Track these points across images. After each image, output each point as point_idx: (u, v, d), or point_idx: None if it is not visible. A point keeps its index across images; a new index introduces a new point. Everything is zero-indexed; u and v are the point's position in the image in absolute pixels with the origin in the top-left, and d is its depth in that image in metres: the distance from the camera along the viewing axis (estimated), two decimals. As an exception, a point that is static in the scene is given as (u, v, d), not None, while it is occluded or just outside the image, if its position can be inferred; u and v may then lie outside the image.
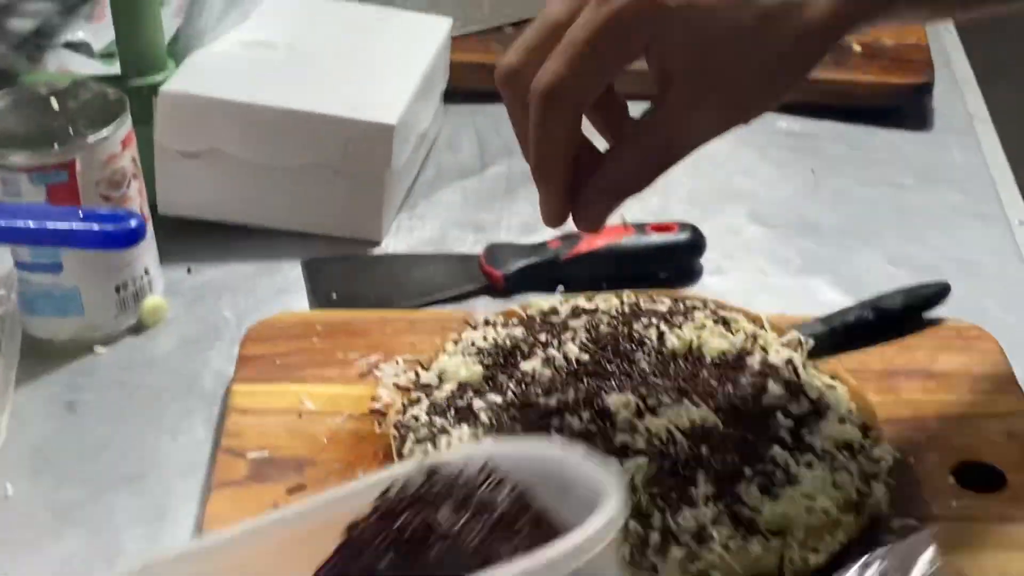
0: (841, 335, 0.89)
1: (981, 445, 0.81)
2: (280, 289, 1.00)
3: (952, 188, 1.11)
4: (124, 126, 0.90)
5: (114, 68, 1.04)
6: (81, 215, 0.78)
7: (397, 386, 0.85)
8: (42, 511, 0.82)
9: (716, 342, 0.82)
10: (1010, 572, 0.74)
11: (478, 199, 1.10)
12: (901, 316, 0.91)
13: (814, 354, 0.85)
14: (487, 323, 0.87)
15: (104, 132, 0.88)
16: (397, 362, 0.88)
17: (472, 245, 1.05)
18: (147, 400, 0.89)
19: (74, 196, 0.87)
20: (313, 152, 1.02)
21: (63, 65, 1.15)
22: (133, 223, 0.78)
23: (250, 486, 0.80)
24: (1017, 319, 0.96)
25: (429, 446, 0.77)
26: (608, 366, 0.80)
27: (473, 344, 0.84)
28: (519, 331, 0.84)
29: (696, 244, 1.00)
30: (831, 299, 0.98)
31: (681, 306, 0.86)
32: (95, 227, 0.78)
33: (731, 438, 0.75)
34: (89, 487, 0.83)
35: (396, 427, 0.80)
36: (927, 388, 0.86)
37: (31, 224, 0.76)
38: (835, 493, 0.74)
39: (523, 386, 0.79)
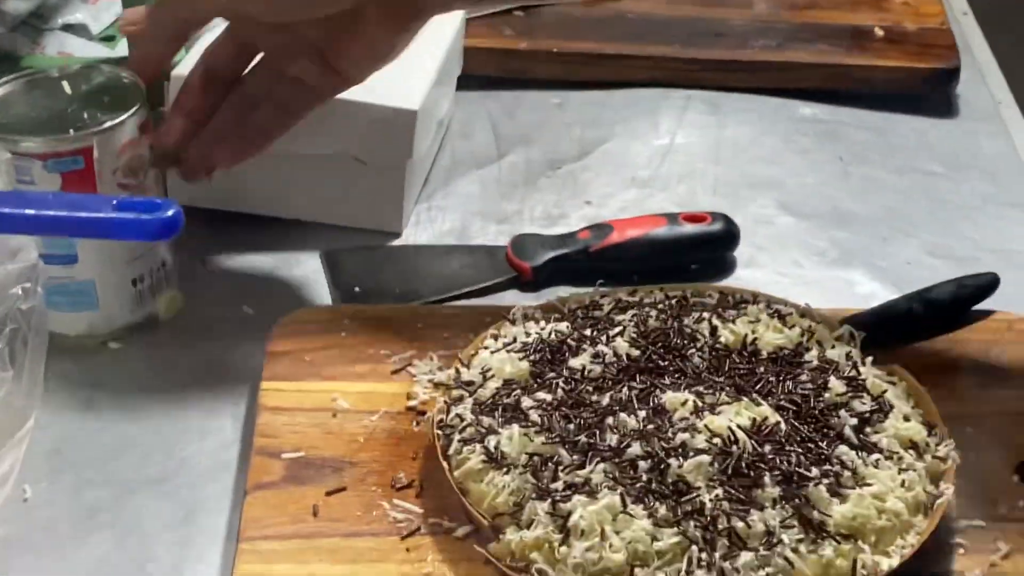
0: (890, 329, 0.86)
1: (1043, 442, 0.79)
2: (300, 283, 0.97)
3: (983, 177, 1.09)
4: (141, 111, 0.86)
5: (115, 51, 1.00)
6: (115, 203, 0.74)
7: (435, 383, 0.82)
8: (64, 515, 0.78)
9: (772, 337, 0.79)
10: (1084, 574, 0.71)
11: (498, 189, 1.07)
12: (951, 308, 0.88)
13: (864, 349, 0.82)
14: (526, 317, 0.84)
15: (122, 116, 0.84)
16: (432, 358, 0.84)
17: (495, 236, 1.01)
18: (169, 398, 0.86)
19: (90, 184, 0.83)
20: (332, 139, 0.98)
21: (63, 47, 1.11)
22: (171, 212, 0.74)
23: (287, 488, 0.76)
24: (1059, 310, 0.94)
25: (477, 447, 0.73)
26: (661, 362, 0.77)
27: (516, 339, 0.80)
28: (563, 326, 0.81)
29: (731, 235, 0.97)
30: (870, 291, 0.96)
31: (730, 299, 0.83)
32: (131, 216, 0.73)
33: (795, 437, 0.72)
34: (113, 489, 0.79)
35: (439, 427, 0.76)
36: (982, 383, 0.84)
37: (63, 213, 0.72)
38: (904, 494, 0.71)
39: (573, 383, 0.76)
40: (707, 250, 0.98)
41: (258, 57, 0.90)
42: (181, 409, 0.85)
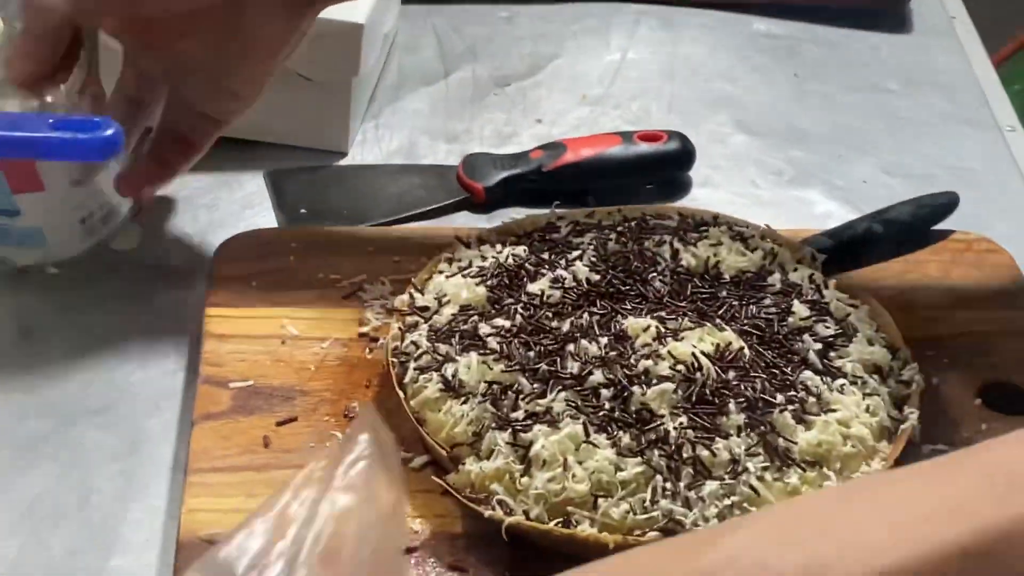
0: (849, 250, 0.84)
1: (1005, 364, 0.78)
2: (243, 203, 0.94)
3: (938, 93, 1.07)
4: None
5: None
6: (52, 122, 0.70)
7: (388, 309, 0.79)
8: (4, 445, 0.75)
9: (734, 260, 0.77)
10: (1049, 499, 0.70)
11: (446, 106, 1.04)
12: (910, 229, 0.86)
13: (823, 271, 0.81)
14: (481, 241, 0.81)
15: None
16: (383, 283, 0.82)
17: (445, 156, 0.99)
18: (109, 326, 0.82)
19: None
20: (275, 55, 0.94)
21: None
22: (110, 131, 0.70)
23: (235, 419, 0.74)
24: (1016, 228, 0.93)
25: (434, 375, 0.71)
26: (621, 287, 0.75)
27: (471, 264, 0.78)
28: (520, 250, 0.79)
29: (687, 154, 0.95)
30: (827, 211, 0.95)
31: (691, 221, 0.81)
32: (68, 135, 0.70)
33: (759, 363, 0.71)
34: (54, 419, 0.77)
35: (394, 354, 0.74)
36: (943, 305, 0.82)
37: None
38: (869, 419, 0.70)
39: (532, 309, 0.74)
40: (663, 170, 0.96)
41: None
42: (122, 337, 0.82)
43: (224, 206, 0.93)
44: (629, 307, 0.74)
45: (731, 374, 0.70)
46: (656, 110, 1.04)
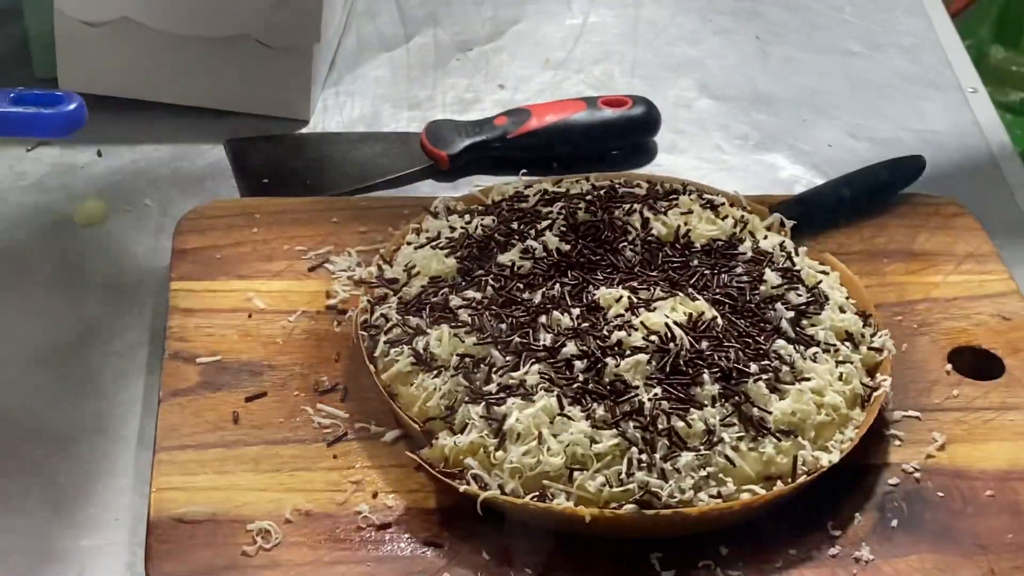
0: (817, 215, 0.84)
1: (974, 329, 0.78)
2: (204, 173, 0.92)
3: (902, 54, 1.07)
4: None
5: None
6: (13, 97, 0.68)
7: (355, 281, 0.78)
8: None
9: (705, 228, 0.76)
10: (1021, 462, 0.71)
11: (407, 72, 1.03)
12: (878, 193, 0.86)
13: (793, 237, 0.81)
14: (448, 210, 0.80)
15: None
16: (350, 254, 0.81)
17: (407, 123, 0.98)
18: (70, 299, 0.81)
19: None
20: (234, 21, 0.93)
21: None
22: (73, 105, 0.69)
23: (204, 395, 0.73)
24: (981, 189, 0.93)
25: (405, 348, 0.70)
26: (592, 257, 0.74)
27: (440, 234, 0.77)
28: (489, 220, 0.78)
29: (652, 119, 0.95)
30: (793, 175, 0.94)
31: (660, 189, 0.80)
32: (31, 111, 0.68)
33: (732, 332, 0.70)
34: (17, 397, 0.75)
35: (363, 327, 0.73)
36: (911, 269, 0.82)
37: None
38: (843, 387, 0.70)
39: (503, 281, 0.73)
40: (628, 135, 0.95)
41: None
42: (82, 311, 0.81)
43: (185, 176, 0.92)
44: (600, 277, 0.73)
45: (704, 344, 0.69)
46: (619, 74, 1.03)
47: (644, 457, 0.65)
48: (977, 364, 0.76)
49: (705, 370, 0.68)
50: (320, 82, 0.99)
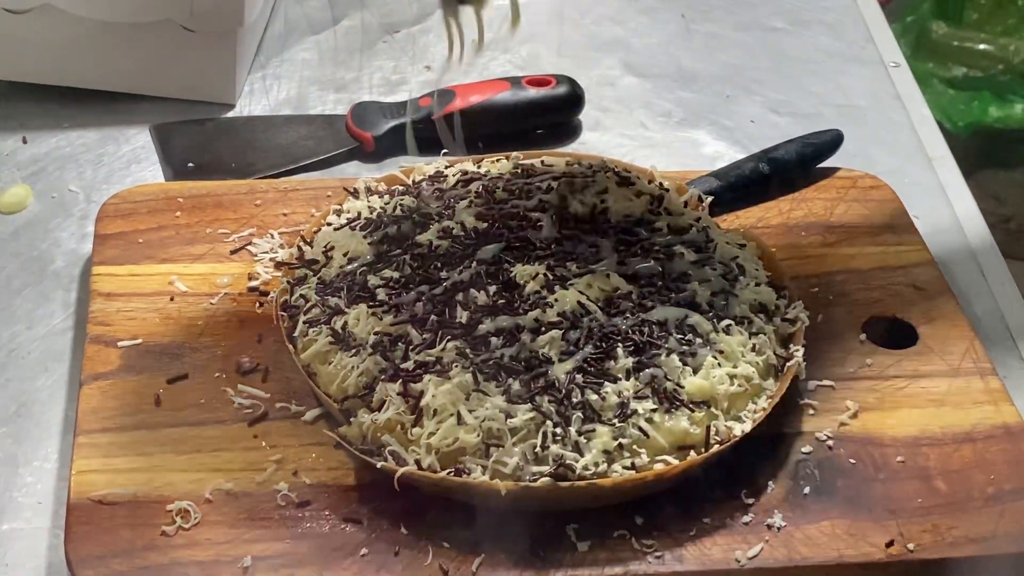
0: (736, 190, 0.85)
1: (889, 299, 0.80)
2: (129, 159, 0.92)
3: (825, 30, 1.08)
4: None
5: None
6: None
7: (276, 263, 0.79)
8: None
9: (622, 205, 0.77)
10: (931, 428, 0.72)
11: (334, 55, 1.03)
12: (796, 167, 0.88)
13: (712, 212, 0.82)
14: (369, 191, 0.81)
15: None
16: (272, 236, 0.81)
17: (334, 105, 0.98)
18: (-6, 286, 0.81)
19: None
20: (157, 6, 0.92)
21: None
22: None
23: (125, 378, 0.73)
24: (901, 163, 0.95)
25: (324, 328, 0.71)
26: (509, 235, 0.75)
27: (360, 215, 0.78)
28: (408, 200, 0.78)
29: (576, 98, 0.95)
30: (716, 151, 0.95)
31: (578, 167, 0.81)
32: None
33: (646, 307, 0.71)
34: (-60, 384, 0.76)
35: (283, 308, 0.74)
36: (828, 242, 0.84)
37: None
38: (755, 358, 0.71)
39: (420, 260, 0.73)
40: (552, 114, 0.96)
41: None
42: (7, 298, 0.81)
43: (110, 161, 0.92)
44: (517, 255, 0.74)
45: (618, 319, 0.70)
46: (546, 54, 1.04)
47: (559, 431, 0.66)
48: (891, 334, 0.78)
49: (619, 344, 0.69)
50: (246, 66, 0.99)
